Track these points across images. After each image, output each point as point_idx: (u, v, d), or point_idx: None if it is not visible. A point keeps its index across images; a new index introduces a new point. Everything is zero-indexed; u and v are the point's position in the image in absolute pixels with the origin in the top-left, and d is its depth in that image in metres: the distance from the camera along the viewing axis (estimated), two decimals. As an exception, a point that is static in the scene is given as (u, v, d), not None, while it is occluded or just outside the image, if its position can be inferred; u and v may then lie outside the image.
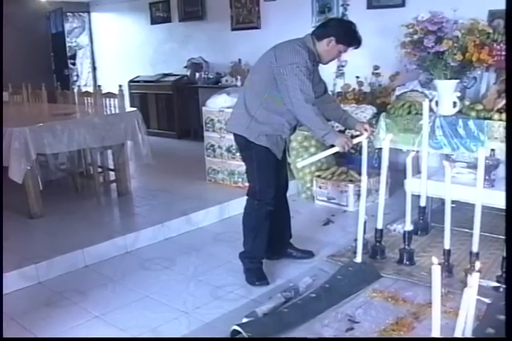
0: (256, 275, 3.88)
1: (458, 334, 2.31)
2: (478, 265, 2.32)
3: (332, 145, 3.76)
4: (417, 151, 4.68)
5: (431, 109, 4.79)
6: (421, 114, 4.57)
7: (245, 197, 3.97)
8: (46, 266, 4.10)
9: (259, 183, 3.84)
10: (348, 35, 3.76)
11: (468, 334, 2.44)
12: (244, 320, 3.19)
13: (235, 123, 3.89)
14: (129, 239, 4.61)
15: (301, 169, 5.76)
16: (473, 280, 2.26)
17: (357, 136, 3.93)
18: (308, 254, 4.29)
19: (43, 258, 4.12)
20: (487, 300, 3.31)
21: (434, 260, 2.29)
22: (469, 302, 2.28)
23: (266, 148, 3.76)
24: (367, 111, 5.83)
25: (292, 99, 3.56)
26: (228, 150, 5.96)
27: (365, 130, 3.88)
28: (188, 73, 9.62)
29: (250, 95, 3.78)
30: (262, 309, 3.30)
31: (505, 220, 2.82)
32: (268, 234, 3.95)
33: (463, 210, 4.45)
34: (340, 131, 5.70)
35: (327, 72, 6.89)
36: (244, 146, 3.86)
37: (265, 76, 3.69)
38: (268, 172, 3.82)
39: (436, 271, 2.20)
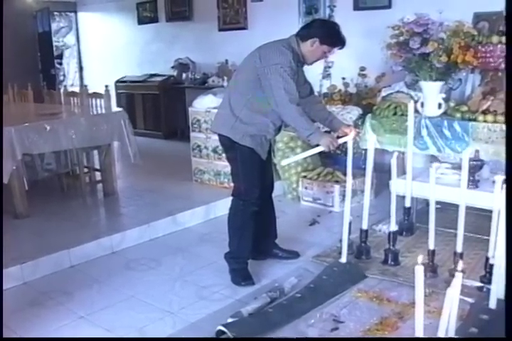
0: (241, 276, 3.89)
1: (441, 334, 2.33)
2: (460, 265, 2.34)
3: (317, 145, 3.77)
4: (403, 152, 4.71)
5: (416, 110, 4.82)
6: (407, 115, 4.58)
7: (231, 198, 3.98)
8: (32, 266, 4.09)
9: (244, 183, 3.86)
10: (331, 36, 3.79)
11: (451, 334, 2.46)
12: (230, 320, 3.20)
13: (220, 124, 3.91)
14: (115, 239, 4.61)
15: (287, 169, 5.78)
16: (456, 280, 2.28)
17: (343, 136, 3.93)
18: (294, 254, 4.31)
19: (29, 259, 4.12)
20: (470, 300, 3.34)
21: (419, 259, 2.31)
22: (452, 302, 2.30)
23: (250, 148, 3.77)
24: (353, 112, 5.86)
25: (277, 99, 3.57)
26: (214, 150, 5.96)
27: (350, 132, 3.89)
28: (175, 73, 9.61)
29: (235, 95, 3.80)
30: (247, 309, 3.31)
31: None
32: (253, 235, 3.96)
33: (448, 211, 4.48)
34: (327, 132, 5.75)
35: (313, 73, 6.91)
36: (229, 147, 3.87)
37: (250, 76, 3.71)
38: (253, 172, 3.83)
39: (420, 271, 2.22)
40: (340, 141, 3.83)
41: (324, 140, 3.65)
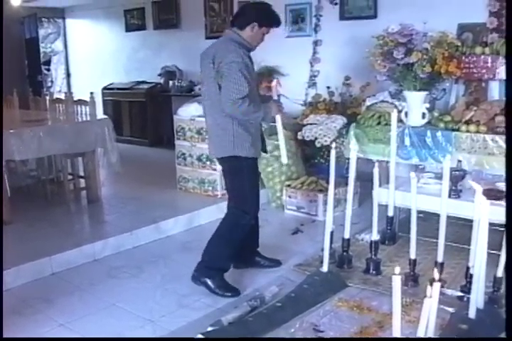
0: (225, 287, 3.86)
1: (418, 344, 2.34)
2: (437, 275, 2.35)
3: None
4: (387, 161, 4.72)
5: (400, 120, 4.84)
6: (390, 125, 4.61)
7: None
8: (13, 273, 4.07)
9: (251, 196, 3.90)
10: (268, 17, 3.85)
11: (429, 344, 2.46)
12: (209, 329, 3.19)
13: (221, 147, 3.84)
14: (97, 246, 4.60)
15: (271, 178, 5.80)
16: (434, 289, 2.28)
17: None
18: (276, 263, 4.30)
19: (10, 265, 4.09)
20: (451, 310, 3.35)
21: (397, 269, 2.31)
22: (430, 311, 2.30)
23: (254, 158, 3.84)
24: (337, 122, 5.87)
25: (227, 100, 3.59)
26: (199, 158, 5.95)
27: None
28: (162, 81, 9.63)
29: (217, 114, 3.76)
30: (227, 318, 3.30)
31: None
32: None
33: (431, 220, 4.48)
34: (310, 141, 5.78)
35: (299, 81, 6.99)
36: (235, 165, 3.84)
37: (214, 87, 3.71)
38: (257, 183, 3.96)
39: (397, 281, 2.22)
40: (274, 92, 3.94)
41: (273, 111, 3.80)
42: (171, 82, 9.45)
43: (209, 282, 3.86)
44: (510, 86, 3.64)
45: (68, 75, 12.68)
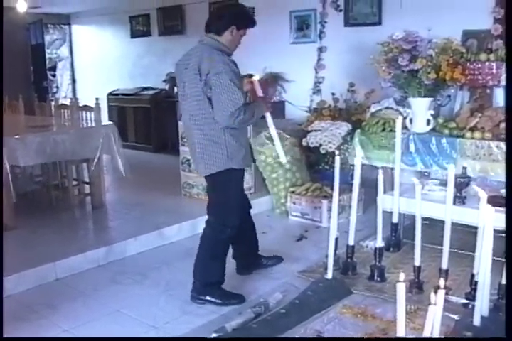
0: (227, 296, 3.83)
1: (422, 351, 2.33)
2: (442, 282, 2.34)
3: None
4: (392, 168, 4.71)
5: (405, 127, 4.83)
6: (395, 131, 4.60)
7: (211, 225, 3.91)
8: (16, 278, 4.07)
9: (236, 209, 3.85)
10: (244, 19, 3.80)
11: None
12: (213, 335, 3.19)
13: (213, 162, 3.70)
14: (102, 252, 4.61)
15: (276, 184, 5.79)
16: (439, 296, 2.27)
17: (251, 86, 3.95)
18: (278, 259, 4.38)
19: (14, 271, 4.10)
20: (455, 317, 3.33)
21: (401, 276, 2.30)
22: (435, 318, 2.29)
23: (242, 169, 3.81)
24: (342, 128, 5.86)
25: (222, 114, 3.49)
26: (203, 164, 5.93)
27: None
28: (167, 87, 9.62)
29: (208, 126, 3.63)
30: (231, 324, 3.30)
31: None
32: (238, 250, 4.05)
33: (436, 227, 4.48)
34: (315, 147, 5.77)
35: (304, 88, 6.98)
36: (225, 179, 3.75)
37: (206, 100, 3.58)
38: (241, 192, 3.93)
39: (401, 288, 2.22)
40: (257, 88, 3.88)
41: (263, 110, 3.80)
42: (175, 88, 9.44)
43: (211, 298, 3.80)
44: (511, 92, 3.63)
45: (73, 81, 12.71)
